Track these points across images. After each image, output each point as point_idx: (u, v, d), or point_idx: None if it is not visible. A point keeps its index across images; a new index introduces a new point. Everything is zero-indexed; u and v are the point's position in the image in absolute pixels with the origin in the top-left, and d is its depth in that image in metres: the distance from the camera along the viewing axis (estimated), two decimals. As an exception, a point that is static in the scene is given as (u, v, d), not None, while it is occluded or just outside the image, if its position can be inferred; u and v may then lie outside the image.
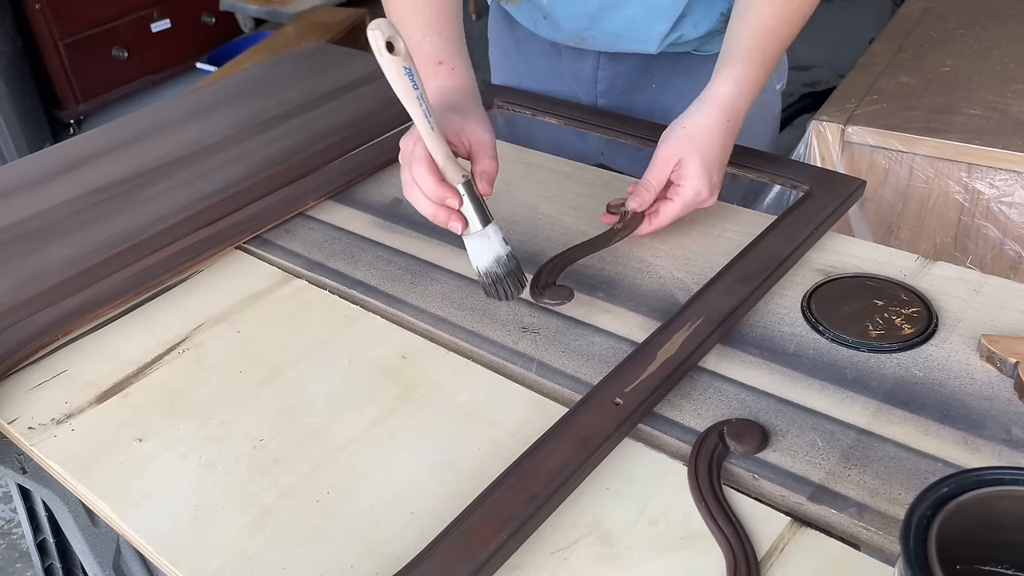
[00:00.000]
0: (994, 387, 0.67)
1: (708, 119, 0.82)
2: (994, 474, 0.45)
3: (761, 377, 0.70)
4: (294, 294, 0.84)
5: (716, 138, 0.82)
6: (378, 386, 0.72)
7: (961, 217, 1.22)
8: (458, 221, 0.74)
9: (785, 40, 0.85)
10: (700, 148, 0.81)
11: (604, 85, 1.10)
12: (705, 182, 0.81)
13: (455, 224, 0.74)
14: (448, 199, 0.73)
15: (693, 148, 0.81)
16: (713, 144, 0.81)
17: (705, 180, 0.81)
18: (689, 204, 0.82)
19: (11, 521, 1.79)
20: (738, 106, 0.83)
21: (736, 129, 0.84)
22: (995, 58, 1.37)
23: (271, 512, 0.62)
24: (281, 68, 1.29)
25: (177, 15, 3.36)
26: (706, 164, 0.81)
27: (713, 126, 0.82)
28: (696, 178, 0.81)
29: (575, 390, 0.70)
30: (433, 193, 0.73)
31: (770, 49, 0.84)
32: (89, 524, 0.87)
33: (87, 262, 0.86)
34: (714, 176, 0.82)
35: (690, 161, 0.81)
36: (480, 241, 0.75)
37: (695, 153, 0.81)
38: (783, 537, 0.57)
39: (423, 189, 0.73)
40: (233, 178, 0.99)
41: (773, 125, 1.16)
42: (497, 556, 0.55)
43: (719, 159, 0.82)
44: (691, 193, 0.81)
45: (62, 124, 3.17)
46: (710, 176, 0.81)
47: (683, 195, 0.81)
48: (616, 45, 1.03)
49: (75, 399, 0.73)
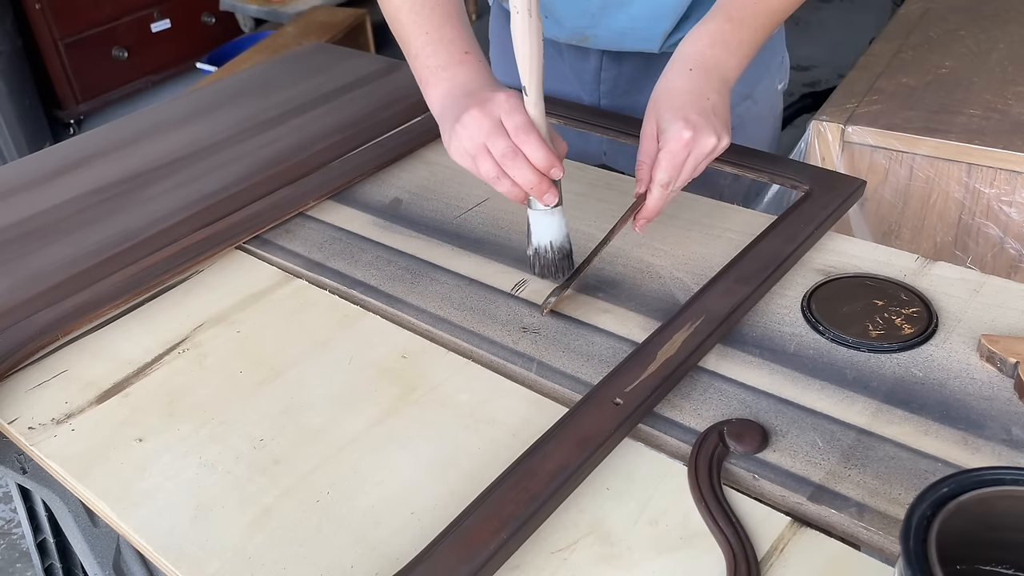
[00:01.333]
0: (994, 387, 0.67)
1: (668, 76, 0.80)
2: (994, 474, 0.45)
3: (761, 377, 0.70)
4: (294, 294, 0.84)
5: (682, 85, 0.78)
6: (378, 386, 0.72)
7: (961, 217, 1.23)
8: (554, 194, 0.74)
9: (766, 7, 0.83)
10: (667, 100, 0.77)
11: (607, 85, 1.10)
12: (681, 123, 0.75)
13: (551, 196, 0.74)
14: (554, 168, 0.73)
15: (660, 105, 0.78)
16: (680, 91, 0.78)
17: (680, 121, 0.75)
18: (675, 151, 0.75)
19: (11, 521, 1.79)
20: (705, 55, 0.80)
21: (709, 76, 0.79)
22: (995, 59, 1.37)
23: (271, 512, 0.62)
24: (281, 68, 1.29)
25: (177, 15, 3.36)
26: (676, 108, 0.76)
27: (674, 79, 0.79)
28: (671, 124, 0.75)
29: (575, 390, 0.70)
30: (543, 161, 0.72)
31: (744, 9, 0.82)
32: (89, 524, 0.87)
33: (87, 262, 0.86)
34: (692, 116, 0.75)
35: (661, 116, 0.77)
36: (548, 218, 0.78)
37: (663, 107, 0.77)
38: (783, 537, 0.57)
39: (532, 156, 0.72)
40: (233, 178, 0.99)
41: (775, 125, 1.16)
42: (497, 556, 0.55)
43: (692, 102, 0.77)
44: (672, 139, 0.75)
45: (62, 124, 3.17)
46: (685, 117, 0.75)
47: (667, 143, 0.75)
48: (619, 44, 1.03)
49: (75, 399, 0.73)
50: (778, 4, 0.84)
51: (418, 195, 0.98)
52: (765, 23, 0.84)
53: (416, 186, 0.99)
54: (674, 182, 0.77)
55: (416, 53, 0.83)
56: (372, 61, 1.28)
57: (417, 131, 1.07)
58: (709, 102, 0.78)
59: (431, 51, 0.82)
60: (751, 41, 0.83)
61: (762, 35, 0.85)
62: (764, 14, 0.84)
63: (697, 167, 0.77)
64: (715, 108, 0.78)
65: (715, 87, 0.80)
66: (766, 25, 0.84)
